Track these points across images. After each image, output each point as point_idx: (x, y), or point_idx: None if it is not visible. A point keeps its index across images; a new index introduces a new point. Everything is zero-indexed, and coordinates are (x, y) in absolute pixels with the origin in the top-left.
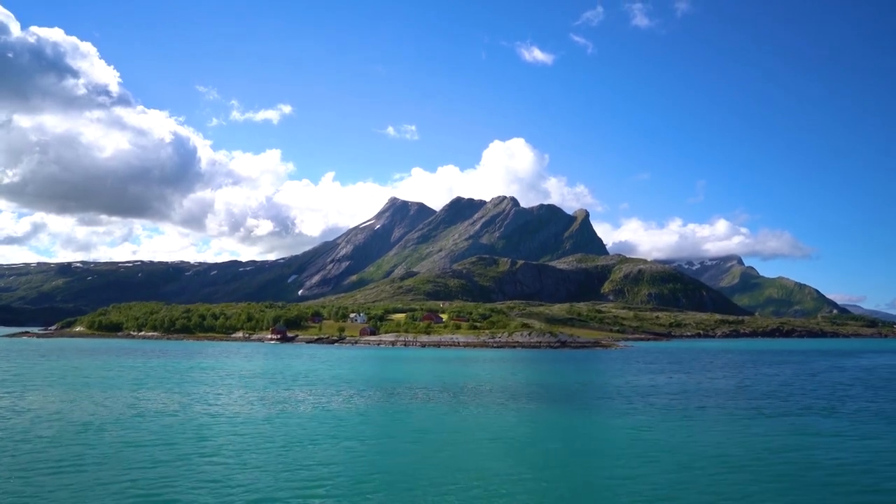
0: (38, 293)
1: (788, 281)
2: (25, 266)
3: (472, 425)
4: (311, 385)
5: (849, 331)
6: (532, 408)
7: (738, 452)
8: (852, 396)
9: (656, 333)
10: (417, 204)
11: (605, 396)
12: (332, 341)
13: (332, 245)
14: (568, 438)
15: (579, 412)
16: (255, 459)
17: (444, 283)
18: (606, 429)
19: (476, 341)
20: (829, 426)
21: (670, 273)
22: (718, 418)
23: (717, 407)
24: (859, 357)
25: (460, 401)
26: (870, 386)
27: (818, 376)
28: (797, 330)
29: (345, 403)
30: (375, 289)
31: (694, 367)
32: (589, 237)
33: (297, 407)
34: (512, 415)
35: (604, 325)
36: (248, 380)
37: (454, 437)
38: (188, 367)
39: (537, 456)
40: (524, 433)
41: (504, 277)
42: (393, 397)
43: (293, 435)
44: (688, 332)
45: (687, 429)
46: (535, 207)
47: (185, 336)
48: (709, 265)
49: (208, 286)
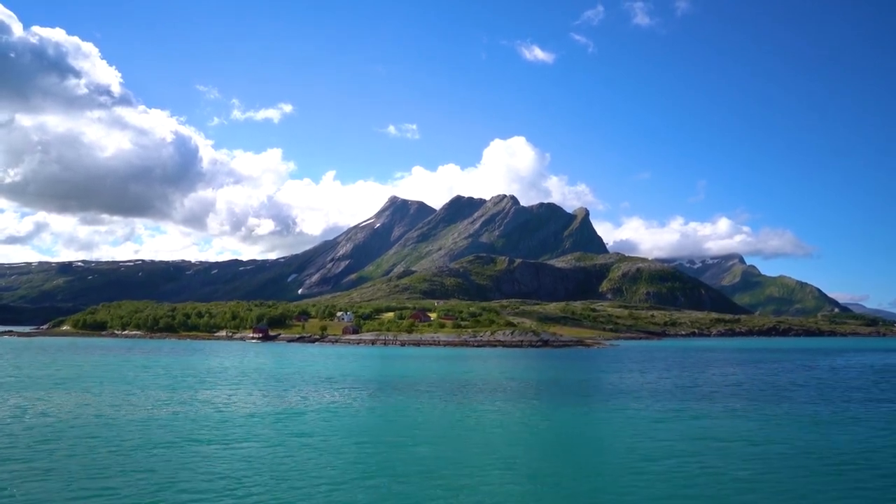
0: (38, 292)
1: (790, 280)
2: (27, 265)
3: (380, 419)
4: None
5: (846, 330)
6: (443, 398)
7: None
8: (788, 397)
9: (650, 332)
10: (417, 203)
11: (527, 388)
12: (312, 340)
13: (332, 244)
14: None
15: (493, 402)
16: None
17: (440, 281)
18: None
19: (457, 340)
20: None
21: (669, 272)
22: (617, 414)
23: (630, 406)
24: (842, 356)
25: (380, 394)
26: (820, 386)
27: (778, 375)
28: (794, 329)
29: (246, 398)
30: (371, 287)
31: (656, 366)
32: (589, 236)
33: (193, 405)
34: (438, 406)
35: (597, 324)
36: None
37: (370, 433)
38: (121, 363)
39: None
40: (443, 424)
41: (501, 276)
42: (308, 392)
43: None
44: (682, 331)
45: (579, 422)
46: (535, 206)
47: (167, 335)
48: (710, 264)
49: (208, 285)
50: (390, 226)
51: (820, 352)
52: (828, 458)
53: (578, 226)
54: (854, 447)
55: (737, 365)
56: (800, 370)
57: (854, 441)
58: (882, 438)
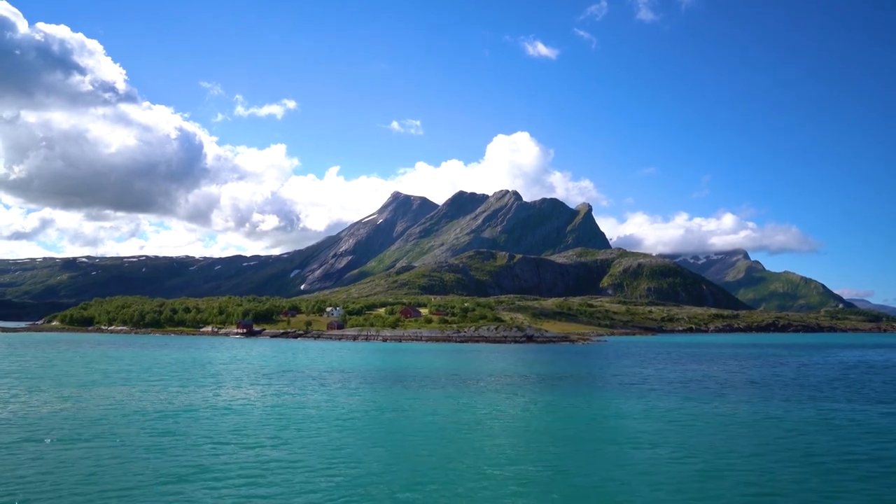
0: (42, 288)
1: (794, 275)
2: (31, 261)
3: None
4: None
5: (847, 326)
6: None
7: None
8: (721, 394)
9: (647, 328)
10: (420, 198)
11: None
12: (296, 335)
13: (335, 239)
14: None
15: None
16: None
17: (439, 277)
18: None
19: (440, 336)
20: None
21: (670, 267)
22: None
23: (565, 394)
24: (824, 352)
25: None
26: (768, 384)
27: (738, 373)
28: (793, 325)
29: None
30: (370, 283)
31: (624, 362)
32: (592, 231)
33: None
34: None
35: (593, 320)
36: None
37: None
38: (69, 359)
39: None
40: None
41: (501, 271)
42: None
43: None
44: (680, 327)
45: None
46: (538, 201)
47: (153, 330)
48: (714, 259)
49: (212, 281)
50: (393, 221)
51: (807, 347)
52: (677, 454)
53: (581, 221)
54: (713, 449)
55: (707, 360)
56: (768, 367)
57: (720, 442)
58: (753, 443)
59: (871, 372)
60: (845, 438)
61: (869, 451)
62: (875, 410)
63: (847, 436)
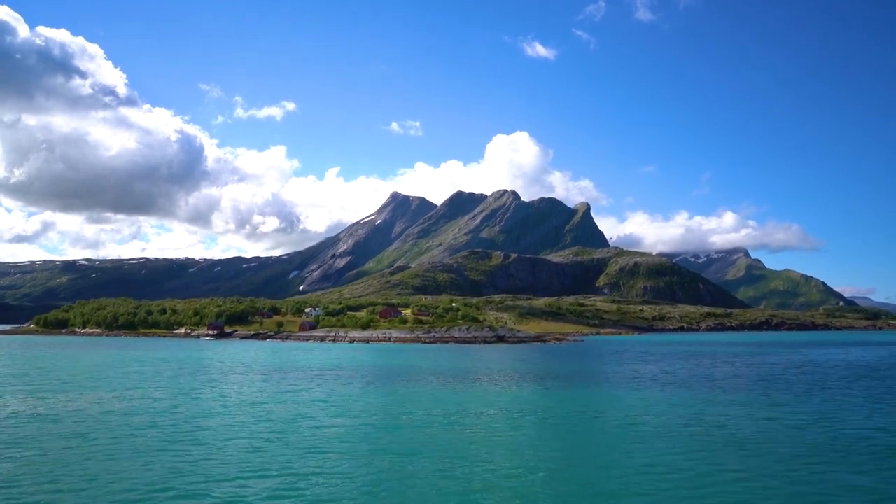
0: (42, 291)
1: (794, 273)
2: (31, 264)
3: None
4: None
5: (842, 324)
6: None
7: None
8: (642, 387)
9: (637, 327)
10: (419, 198)
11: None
12: (266, 337)
13: (334, 240)
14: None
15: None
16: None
17: (433, 277)
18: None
19: (409, 336)
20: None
21: (667, 266)
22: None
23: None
24: (801, 350)
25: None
26: (714, 379)
27: (696, 370)
28: (787, 323)
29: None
30: (364, 283)
31: (574, 360)
32: (590, 230)
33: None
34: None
35: (582, 319)
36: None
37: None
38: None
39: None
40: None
41: (496, 271)
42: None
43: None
44: (671, 326)
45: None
46: (536, 201)
47: (125, 333)
48: (715, 258)
49: (211, 282)
50: (392, 222)
51: (785, 345)
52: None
53: (580, 220)
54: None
55: (674, 358)
56: (728, 365)
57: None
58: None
59: (806, 372)
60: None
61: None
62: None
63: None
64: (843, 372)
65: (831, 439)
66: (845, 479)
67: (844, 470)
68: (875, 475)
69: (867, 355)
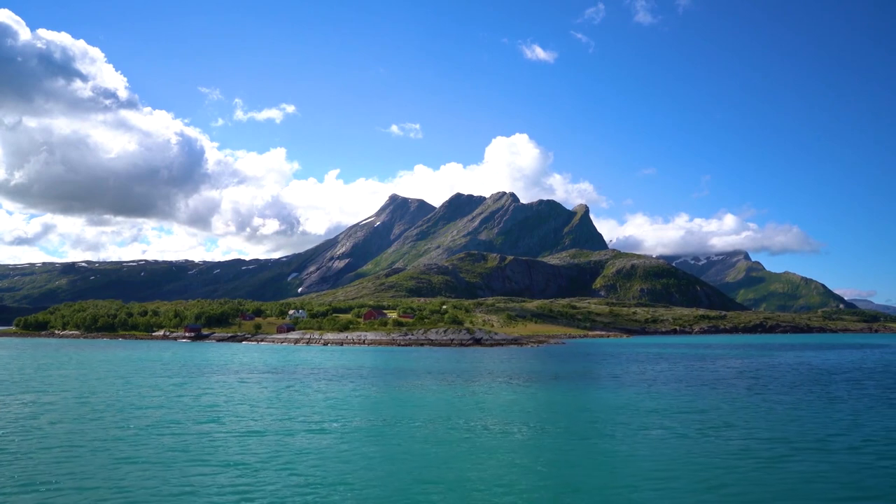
0: (41, 293)
1: (794, 276)
2: (30, 266)
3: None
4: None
5: (838, 326)
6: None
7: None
8: (585, 385)
9: (628, 329)
10: (418, 200)
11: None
12: (242, 339)
13: (332, 242)
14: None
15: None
16: None
17: (427, 279)
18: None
19: (385, 339)
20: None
21: (664, 268)
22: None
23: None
24: (778, 353)
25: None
26: (672, 379)
27: (653, 372)
28: (781, 325)
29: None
30: (358, 285)
31: (534, 362)
32: (589, 232)
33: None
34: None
35: (573, 321)
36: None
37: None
38: None
39: None
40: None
41: (492, 273)
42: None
43: None
44: (663, 328)
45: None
46: (535, 203)
47: (104, 335)
48: (715, 260)
49: (210, 284)
50: (390, 224)
51: (768, 348)
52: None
53: (578, 222)
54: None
55: (633, 361)
56: (690, 367)
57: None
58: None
59: (763, 374)
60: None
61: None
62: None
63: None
64: (792, 377)
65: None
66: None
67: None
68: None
69: (835, 358)
